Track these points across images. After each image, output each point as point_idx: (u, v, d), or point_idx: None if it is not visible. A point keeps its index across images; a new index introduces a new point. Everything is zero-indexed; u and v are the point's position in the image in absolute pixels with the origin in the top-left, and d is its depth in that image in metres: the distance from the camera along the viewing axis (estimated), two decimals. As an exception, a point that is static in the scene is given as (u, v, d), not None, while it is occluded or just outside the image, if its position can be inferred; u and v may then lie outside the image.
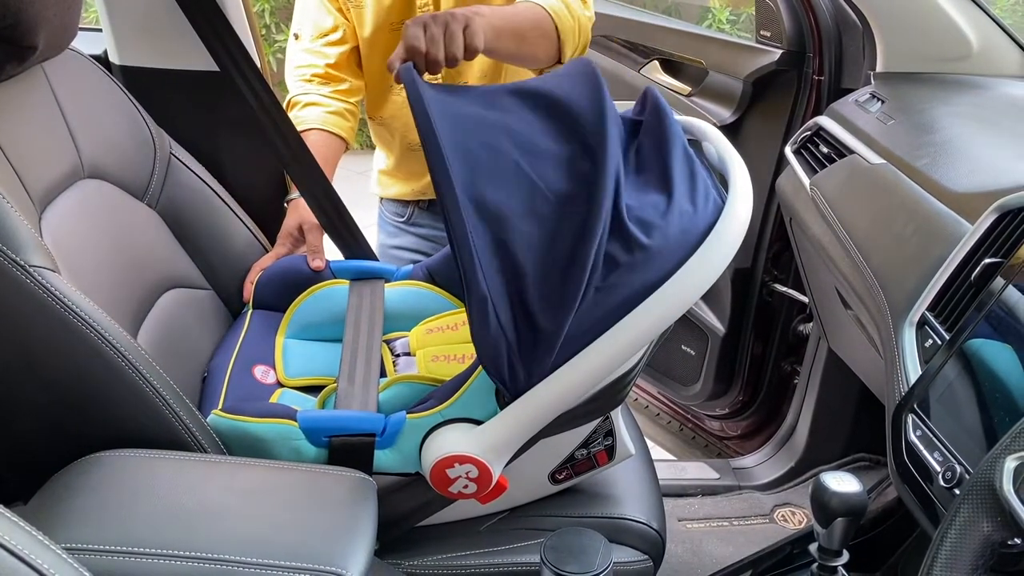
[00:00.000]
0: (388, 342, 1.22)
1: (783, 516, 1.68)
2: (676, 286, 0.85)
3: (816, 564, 0.97)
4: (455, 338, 1.19)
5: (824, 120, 1.42)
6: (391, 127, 1.51)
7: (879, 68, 1.46)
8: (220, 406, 1.04)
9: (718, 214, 0.89)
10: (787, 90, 1.66)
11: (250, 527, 0.80)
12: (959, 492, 0.70)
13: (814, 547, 0.96)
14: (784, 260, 1.78)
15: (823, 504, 0.92)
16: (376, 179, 1.64)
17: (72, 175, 1.08)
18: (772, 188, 1.67)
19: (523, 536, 1.04)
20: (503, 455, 0.92)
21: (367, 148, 2.60)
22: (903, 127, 1.27)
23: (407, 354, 1.20)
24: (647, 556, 1.07)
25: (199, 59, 1.30)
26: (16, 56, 0.99)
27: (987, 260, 0.90)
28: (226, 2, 1.28)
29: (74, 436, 0.90)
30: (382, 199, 1.67)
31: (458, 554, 1.02)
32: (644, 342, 0.88)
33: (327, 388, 1.11)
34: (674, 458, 1.99)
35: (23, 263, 0.84)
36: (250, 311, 1.27)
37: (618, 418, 1.03)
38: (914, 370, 0.91)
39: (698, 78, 1.86)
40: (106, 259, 1.07)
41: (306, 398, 1.12)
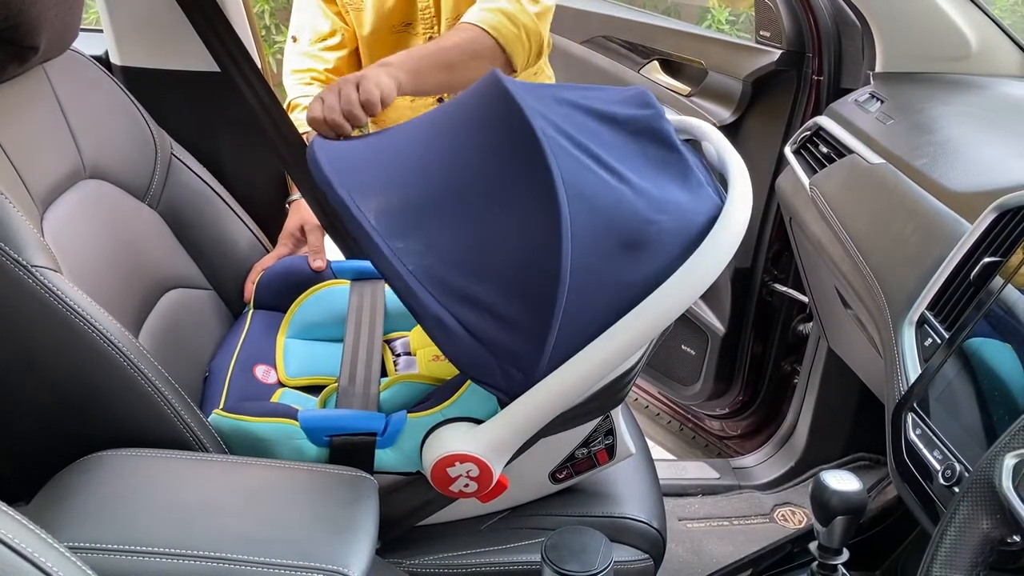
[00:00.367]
0: (389, 342, 1.22)
1: (783, 516, 1.68)
2: (676, 285, 0.84)
3: (816, 562, 0.97)
4: (456, 338, 1.19)
5: (823, 120, 1.42)
6: None
7: (878, 68, 1.47)
8: (221, 406, 1.04)
9: (716, 210, 0.89)
10: (786, 90, 1.66)
11: (252, 526, 0.81)
12: (959, 490, 0.70)
13: (814, 545, 0.97)
14: (784, 260, 1.78)
15: (823, 502, 0.92)
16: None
17: (73, 175, 1.08)
18: (772, 188, 1.67)
19: (524, 535, 1.04)
20: (504, 454, 0.92)
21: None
22: (902, 127, 1.27)
23: (408, 354, 1.20)
24: (648, 555, 1.07)
25: (200, 60, 1.30)
26: (18, 57, 0.99)
27: (986, 259, 0.91)
28: (226, 2, 1.29)
29: (76, 436, 0.90)
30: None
31: (459, 553, 1.02)
32: (644, 341, 0.88)
33: (328, 388, 1.11)
34: (674, 458, 1.99)
35: (25, 263, 0.84)
36: (251, 311, 1.27)
37: (618, 417, 1.03)
38: (914, 369, 0.91)
39: (698, 78, 1.86)
40: (107, 259, 1.07)
41: (307, 398, 1.13)
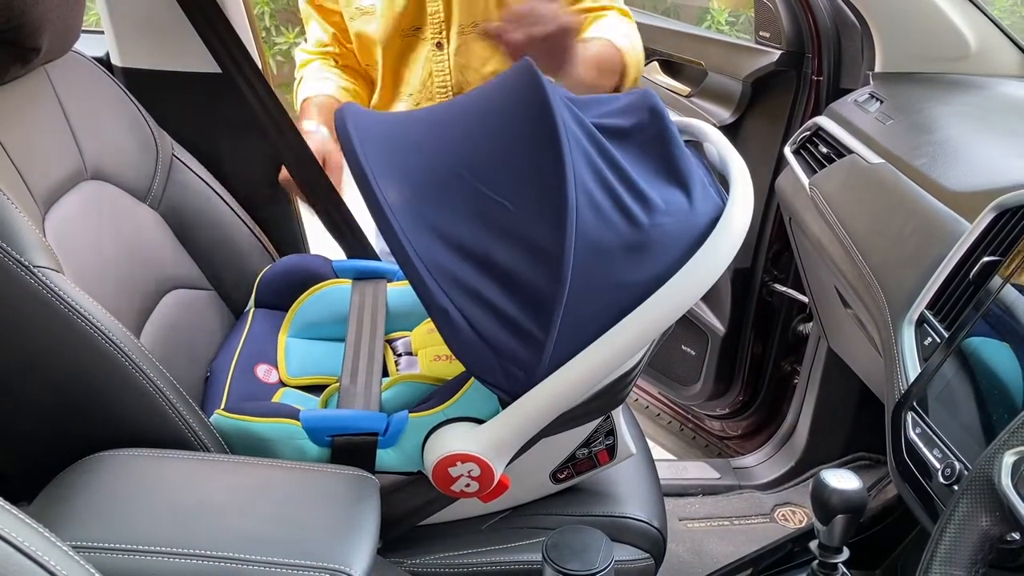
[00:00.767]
0: (390, 341, 1.22)
1: (783, 515, 1.69)
2: (676, 285, 0.85)
3: (816, 561, 0.97)
4: (456, 338, 1.19)
5: (823, 120, 1.42)
6: None
7: (878, 68, 1.47)
8: (223, 406, 1.04)
9: (718, 212, 0.89)
10: (786, 90, 1.66)
11: (254, 525, 0.81)
12: (958, 488, 0.71)
13: (814, 544, 0.97)
14: (784, 260, 1.78)
15: (823, 501, 0.92)
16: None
17: (75, 176, 1.08)
18: (772, 188, 1.67)
19: (525, 535, 1.04)
20: (505, 454, 0.92)
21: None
22: (902, 127, 1.27)
23: (409, 353, 1.20)
24: (648, 555, 1.07)
25: (200, 61, 1.30)
26: (20, 58, 0.99)
27: (985, 259, 0.91)
28: (227, 3, 1.29)
29: (78, 436, 0.90)
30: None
31: (460, 552, 1.02)
32: (645, 341, 0.88)
33: (329, 387, 1.11)
34: (675, 458, 1.99)
35: (27, 263, 0.84)
36: (252, 310, 1.27)
37: (619, 417, 1.03)
38: (913, 368, 0.92)
39: (697, 79, 1.86)
40: (109, 260, 1.07)
41: (308, 397, 1.13)
